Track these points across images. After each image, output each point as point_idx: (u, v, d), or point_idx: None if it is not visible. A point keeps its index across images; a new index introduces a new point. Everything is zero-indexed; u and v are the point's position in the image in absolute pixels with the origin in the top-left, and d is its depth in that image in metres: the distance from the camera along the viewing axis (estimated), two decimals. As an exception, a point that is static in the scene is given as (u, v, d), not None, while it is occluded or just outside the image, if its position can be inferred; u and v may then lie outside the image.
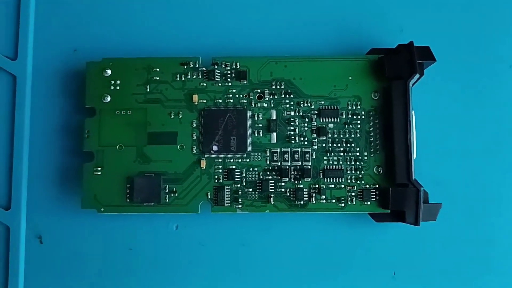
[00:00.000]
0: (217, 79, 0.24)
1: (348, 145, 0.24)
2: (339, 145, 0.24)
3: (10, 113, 0.26)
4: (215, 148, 0.24)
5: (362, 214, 0.25)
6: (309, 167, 0.24)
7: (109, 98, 0.24)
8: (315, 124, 0.24)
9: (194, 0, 0.26)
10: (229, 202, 0.24)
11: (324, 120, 0.24)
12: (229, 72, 0.24)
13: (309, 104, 0.24)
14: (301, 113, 0.24)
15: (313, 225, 0.25)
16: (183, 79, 0.24)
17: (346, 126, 0.24)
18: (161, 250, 0.25)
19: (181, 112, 0.24)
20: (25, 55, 0.26)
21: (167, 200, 0.24)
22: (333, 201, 0.24)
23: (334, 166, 0.24)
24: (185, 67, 0.24)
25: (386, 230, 0.25)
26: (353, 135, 0.24)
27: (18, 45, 0.26)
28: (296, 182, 0.24)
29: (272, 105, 0.24)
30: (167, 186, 0.24)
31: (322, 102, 0.24)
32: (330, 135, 0.24)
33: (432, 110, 0.25)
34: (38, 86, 0.26)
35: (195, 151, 0.24)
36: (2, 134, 0.26)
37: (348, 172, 0.24)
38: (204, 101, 0.24)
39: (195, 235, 0.25)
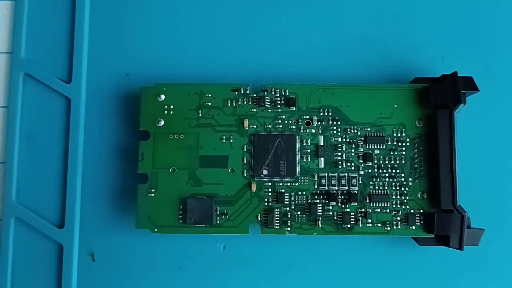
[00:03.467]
0: (267, 105, 0.25)
1: (393, 170, 0.25)
2: (384, 170, 0.25)
3: (65, 134, 0.27)
4: (265, 172, 0.25)
5: (406, 237, 0.25)
6: (356, 191, 0.25)
7: (162, 122, 0.25)
8: (362, 150, 0.25)
9: (246, 29, 0.27)
10: (278, 224, 0.25)
11: (370, 147, 0.25)
12: (278, 98, 0.25)
13: (355, 131, 0.25)
14: (348, 139, 0.25)
15: (359, 247, 0.26)
16: (234, 104, 0.25)
17: (391, 153, 0.25)
18: (209, 269, 0.26)
19: (232, 137, 0.25)
20: (79, 79, 0.27)
21: (218, 222, 0.25)
22: (379, 225, 0.25)
23: (380, 191, 0.25)
24: (236, 93, 0.25)
25: (429, 253, 0.26)
26: (398, 161, 0.25)
27: (72, 69, 0.27)
28: (343, 206, 0.25)
29: (320, 131, 0.25)
30: (219, 208, 0.25)
31: (368, 129, 0.25)
32: (376, 161, 0.25)
33: (474, 137, 0.26)
34: (91, 109, 0.27)
35: (245, 175, 0.25)
36: (57, 155, 0.27)
37: (393, 197, 0.25)
38: (254, 126, 0.25)
39: (242, 255, 0.26)
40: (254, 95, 0.25)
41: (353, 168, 0.25)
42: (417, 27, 0.27)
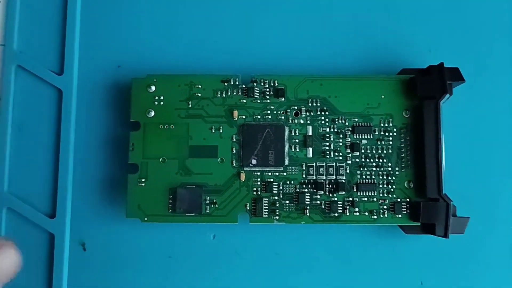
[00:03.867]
0: (256, 96, 0.26)
1: (380, 160, 0.25)
2: (371, 160, 0.25)
3: (56, 125, 0.27)
4: (254, 162, 0.25)
5: (392, 226, 0.26)
6: (343, 181, 0.25)
7: (153, 113, 0.26)
8: (349, 140, 0.26)
9: (236, 21, 0.28)
10: (266, 213, 0.25)
11: (357, 136, 0.25)
12: (267, 89, 0.26)
13: (343, 121, 0.26)
14: (335, 130, 0.26)
15: (346, 236, 0.26)
16: (224, 95, 0.26)
17: (379, 142, 0.25)
18: (199, 258, 0.26)
19: (221, 127, 0.26)
20: (71, 71, 0.27)
21: (208, 211, 0.25)
22: (366, 213, 0.25)
23: (367, 180, 0.25)
24: (226, 84, 0.26)
25: (415, 241, 0.26)
26: (385, 151, 0.25)
27: (64, 61, 0.28)
28: (330, 195, 0.25)
29: (308, 122, 0.26)
30: (208, 198, 0.25)
31: (356, 119, 0.26)
32: (363, 151, 0.25)
33: (460, 127, 0.27)
34: (83, 100, 0.27)
35: (234, 165, 0.25)
36: (49, 145, 0.27)
37: (380, 186, 0.25)
38: (244, 117, 0.26)
39: (231, 244, 0.26)
40: (244, 86, 0.26)
41: (340, 157, 0.25)
42: (405, 20, 0.28)
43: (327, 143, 0.25)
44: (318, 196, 0.25)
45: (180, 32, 0.28)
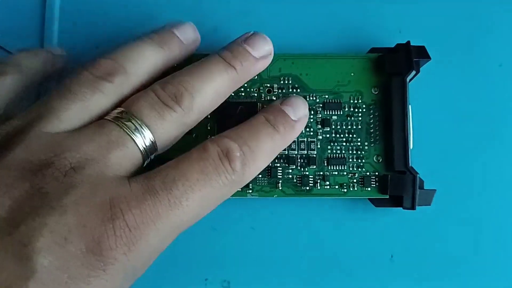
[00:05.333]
0: (229, 74, 0.26)
1: (350, 135, 0.26)
2: (342, 135, 0.26)
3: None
4: (227, 137, 0.26)
5: (362, 199, 0.27)
6: (314, 155, 0.26)
7: (129, 91, 0.26)
8: (320, 116, 0.26)
9: (208, 2, 0.29)
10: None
11: (328, 113, 0.26)
12: (240, 68, 0.27)
13: (314, 98, 0.26)
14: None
15: (317, 209, 0.27)
16: (198, 74, 0.27)
17: (348, 118, 0.26)
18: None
19: (196, 104, 0.26)
20: (49, 52, 0.28)
21: (183, 185, 0.26)
22: (336, 187, 0.26)
23: (337, 155, 0.26)
24: (200, 63, 0.27)
25: (385, 215, 0.27)
26: (354, 127, 0.26)
27: (44, 43, 0.28)
28: (302, 169, 0.26)
29: (281, 99, 0.26)
30: (183, 173, 0.26)
31: (326, 96, 0.26)
32: (333, 126, 0.26)
33: (427, 105, 0.28)
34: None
35: (209, 140, 0.26)
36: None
37: (350, 160, 0.26)
38: (218, 94, 0.26)
39: (207, 219, 0.27)
40: (218, 64, 0.27)
41: (312, 133, 0.26)
42: (376, 1, 0.29)
43: (299, 119, 0.26)
44: (290, 170, 0.26)
45: (159, 15, 0.28)
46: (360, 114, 0.26)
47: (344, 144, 0.26)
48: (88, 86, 0.21)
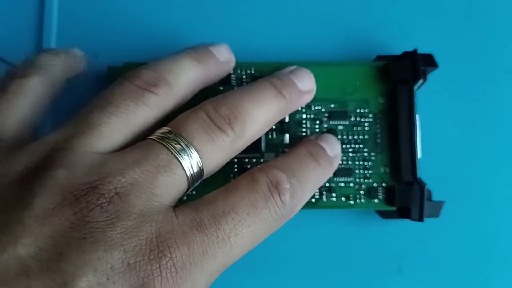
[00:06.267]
0: (233, 84, 0.26)
1: (357, 145, 0.26)
2: (348, 146, 0.26)
3: (34, 115, 0.27)
4: (231, 148, 0.25)
5: (369, 211, 0.26)
6: (320, 166, 0.25)
7: (130, 101, 0.26)
8: (325, 126, 0.26)
9: (212, 9, 0.28)
10: (244, 199, 0.25)
11: (333, 122, 0.26)
12: (244, 76, 0.26)
13: (319, 107, 0.26)
14: (312, 116, 0.26)
15: (323, 221, 0.26)
16: (201, 83, 0.26)
17: (355, 128, 0.26)
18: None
19: (198, 114, 0.26)
20: (48, 60, 0.28)
21: (185, 198, 0.25)
22: (343, 198, 0.25)
23: (343, 166, 0.25)
24: (203, 71, 0.26)
25: (392, 226, 0.26)
26: (361, 136, 0.26)
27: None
28: (307, 180, 0.25)
29: (285, 108, 0.26)
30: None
31: (332, 105, 0.26)
32: (339, 136, 0.26)
33: (435, 113, 0.27)
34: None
35: (212, 151, 0.25)
36: (26, 135, 0.27)
37: (357, 171, 0.25)
38: (221, 104, 0.26)
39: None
40: (220, 73, 0.26)
41: (317, 143, 0.26)
42: (381, 6, 0.28)
43: (304, 129, 0.26)
44: (295, 182, 0.25)
45: (158, 19, 0.28)
46: (366, 124, 0.26)
47: (350, 154, 0.26)
48: (131, 97, 0.20)
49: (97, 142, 0.19)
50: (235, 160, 0.25)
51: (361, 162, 0.25)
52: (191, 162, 0.19)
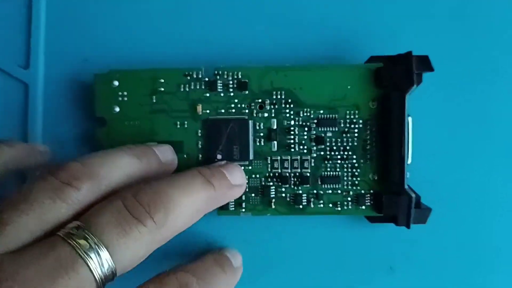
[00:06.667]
0: (219, 89, 0.25)
1: (346, 153, 0.25)
2: (336, 153, 0.25)
3: (23, 120, 0.27)
4: (219, 156, 0.25)
5: (358, 215, 0.26)
6: (308, 174, 0.25)
7: (117, 109, 0.26)
8: (314, 133, 0.25)
9: (197, 14, 0.27)
10: (233, 206, 0.26)
11: (322, 129, 0.25)
12: (230, 82, 0.25)
13: (308, 114, 0.25)
14: (300, 122, 0.25)
15: (312, 226, 0.27)
16: (187, 89, 0.25)
17: (344, 135, 0.25)
18: (170, 252, 0.27)
19: (186, 122, 0.25)
20: (36, 65, 0.27)
21: (176, 204, 0.26)
22: (330, 205, 0.25)
23: (331, 173, 0.25)
24: (189, 77, 0.25)
25: (380, 229, 0.27)
26: (350, 144, 0.25)
27: (30, 55, 0.27)
28: (295, 187, 0.25)
29: (273, 115, 0.25)
30: (175, 192, 0.26)
31: (321, 112, 0.25)
32: (328, 144, 0.25)
33: (427, 116, 0.26)
34: (49, 94, 0.27)
35: (200, 159, 0.25)
36: (16, 138, 0.27)
37: (345, 178, 0.25)
38: (208, 111, 0.25)
39: (201, 237, 0.27)
40: (207, 79, 0.25)
41: (305, 151, 0.25)
42: (372, 8, 0.26)
43: (292, 137, 0.25)
44: (283, 189, 0.25)
45: (145, 25, 0.27)
46: (356, 130, 0.25)
47: (339, 162, 0.25)
48: (49, 194, 0.18)
49: (3, 242, 0.17)
50: (224, 168, 0.25)
51: (349, 170, 0.25)
52: (99, 260, 0.17)
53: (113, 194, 0.19)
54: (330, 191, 0.25)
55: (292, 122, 0.25)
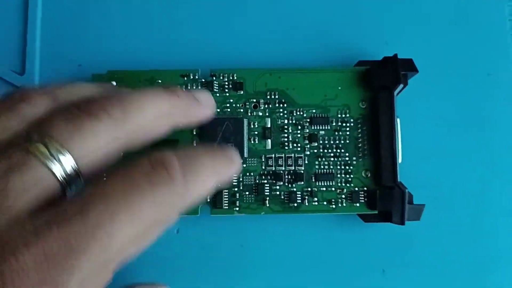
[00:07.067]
0: (215, 90, 0.26)
1: (338, 150, 0.26)
2: (329, 150, 0.26)
3: (19, 124, 0.27)
4: (213, 154, 0.25)
5: (351, 215, 0.26)
6: (302, 171, 0.26)
7: (113, 109, 0.26)
8: (307, 131, 0.26)
9: (194, 17, 0.28)
10: (227, 204, 0.25)
11: (315, 128, 0.26)
12: (226, 83, 0.26)
13: (301, 113, 0.26)
14: (294, 121, 0.26)
15: (306, 225, 0.27)
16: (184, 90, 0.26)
17: (336, 133, 0.26)
18: (164, 253, 0.27)
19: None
20: (32, 71, 0.28)
21: (169, 204, 0.25)
22: (325, 203, 0.25)
23: (325, 171, 0.26)
24: (185, 78, 0.26)
25: (374, 229, 0.26)
26: (342, 141, 0.26)
27: (26, 61, 0.28)
28: (289, 185, 0.26)
29: (267, 114, 0.26)
30: (169, 191, 0.25)
31: (314, 111, 0.26)
32: (321, 141, 0.26)
33: (416, 117, 0.27)
34: (45, 98, 0.28)
35: (195, 158, 0.26)
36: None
37: (338, 175, 0.26)
38: (203, 110, 0.26)
39: (195, 237, 0.27)
40: (203, 80, 0.26)
41: (299, 148, 0.26)
42: (363, 12, 0.28)
43: (286, 135, 0.26)
44: (278, 187, 0.25)
45: (140, 29, 0.28)
46: (348, 129, 0.26)
47: (332, 159, 0.26)
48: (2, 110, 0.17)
49: None
50: (218, 166, 0.25)
51: (342, 167, 0.26)
52: (55, 155, 0.16)
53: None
54: (324, 189, 0.25)
55: (286, 121, 0.26)
